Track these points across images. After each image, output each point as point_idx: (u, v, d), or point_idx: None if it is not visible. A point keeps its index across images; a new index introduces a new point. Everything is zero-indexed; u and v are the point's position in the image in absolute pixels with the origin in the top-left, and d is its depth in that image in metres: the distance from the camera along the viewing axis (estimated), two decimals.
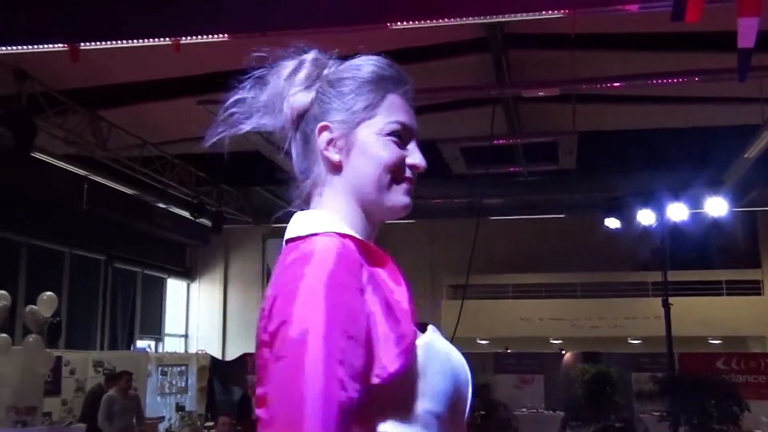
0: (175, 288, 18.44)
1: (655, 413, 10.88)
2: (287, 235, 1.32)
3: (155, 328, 17.39)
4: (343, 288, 1.13)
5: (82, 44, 6.76)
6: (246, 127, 1.45)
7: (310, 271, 1.14)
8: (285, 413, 1.06)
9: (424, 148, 1.43)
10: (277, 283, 1.19)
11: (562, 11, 6.05)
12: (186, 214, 14.74)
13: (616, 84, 8.61)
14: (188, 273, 18.86)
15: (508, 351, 14.45)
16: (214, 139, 1.50)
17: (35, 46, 6.83)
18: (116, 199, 13.76)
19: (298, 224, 1.32)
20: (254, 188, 17.19)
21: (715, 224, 15.54)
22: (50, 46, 6.76)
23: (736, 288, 16.13)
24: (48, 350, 10.58)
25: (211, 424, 12.54)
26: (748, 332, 15.96)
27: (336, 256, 1.16)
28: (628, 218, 10.20)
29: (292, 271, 1.16)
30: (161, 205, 15.04)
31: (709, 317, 15.61)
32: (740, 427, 10.07)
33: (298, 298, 1.11)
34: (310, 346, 1.07)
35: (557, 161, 12.87)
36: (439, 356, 1.23)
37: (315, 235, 1.23)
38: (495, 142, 10.41)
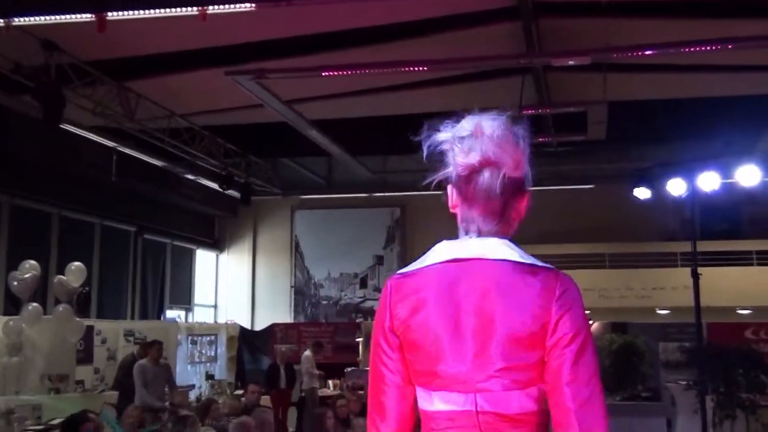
0: (204, 259, 18.64)
1: (681, 382, 10.85)
2: (512, 255, 1.73)
3: (185, 299, 17.61)
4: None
5: (109, 14, 6.79)
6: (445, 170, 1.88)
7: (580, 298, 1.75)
8: (593, 383, 1.65)
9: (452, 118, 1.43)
10: (567, 290, 1.72)
11: None
12: (214, 185, 14.85)
13: (648, 52, 8.46)
14: (217, 244, 19.03)
15: None
16: (433, 180, 1.94)
17: (63, 16, 6.87)
18: (145, 171, 13.88)
19: (515, 251, 1.75)
20: (282, 160, 17.26)
21: (746, 194, 15.35)
22: (77, 16, 6.79)
23: (766, 258, 15.94)
24: (78, 319, 10.77)
25: (240, 392, 12.72)
26: None
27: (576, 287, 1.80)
28: (657, 188, 10.07)
29: (572, 290, 1.74)
30: (190, 177, 15.14)
31: (738, 287, 15.46)
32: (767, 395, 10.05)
33: (584, 315, 1.75)
34: (591, 349, 1.69)
35: (586, 131, 12.74)
36: None
37: (550, 267, 1.75)
38: (524, 112, 10.32)
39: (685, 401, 10.53)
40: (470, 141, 1.80)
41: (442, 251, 1.81)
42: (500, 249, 1.73)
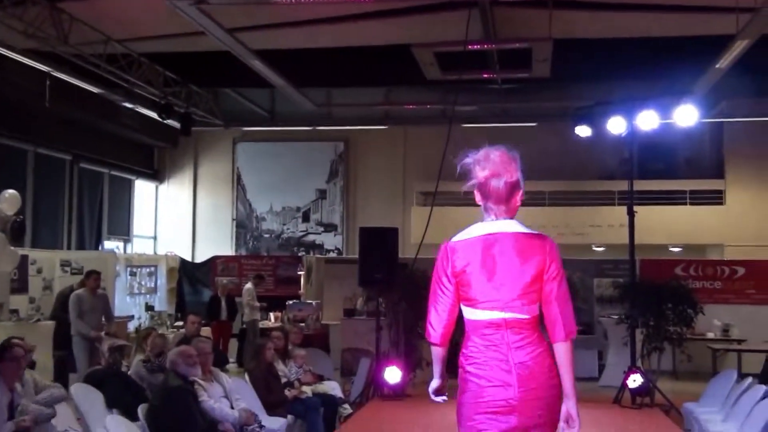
0: (143, 189, 18.33)
1: (613, 316, 11.21)
2: (521, 229, 3.05)
3: (123, 230, 17.36)
4: None
5: None
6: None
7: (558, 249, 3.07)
8: (567, 297, 3.02)
9: (398, 52, 1.42)
10: (552, 248, 3.05)
11: None
12: (153, 114, 14.51)
13: None
14: (157, 175, 18.72)
15: None
16: (467, 188, 3.10)
17: None
18: (80, 98, 13.45)
19: (521, 226, 3.07)
20: (224, 91, 16.92)
21: (683, 135, 15.71)
22: None
23: (699, 198, 16.45)
24: (12, 248, 10.51)
25: (180, 323, 12.71)
26: (708, 240, 16.36)
27: None
28: (598, 127, 10.20)
29: (555, 247, 3.05)
30: (128, 105, 14.75)
31: (671, 226, 15.96)
32: (694, 329, 10.46)
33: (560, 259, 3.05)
34: (564, 279, 3.04)
35: (531, 69, 12.77)
36: None
37: (542, 234, 3.09)
38: (469, 47, 10.27)
39: (617, 334, 10.92)
40: (483, 162, 3.04)
41: (479, 228, 3.05)
42: (513, 226, 3.05)
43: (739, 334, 12.41)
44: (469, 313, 3.01)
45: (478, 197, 3.06)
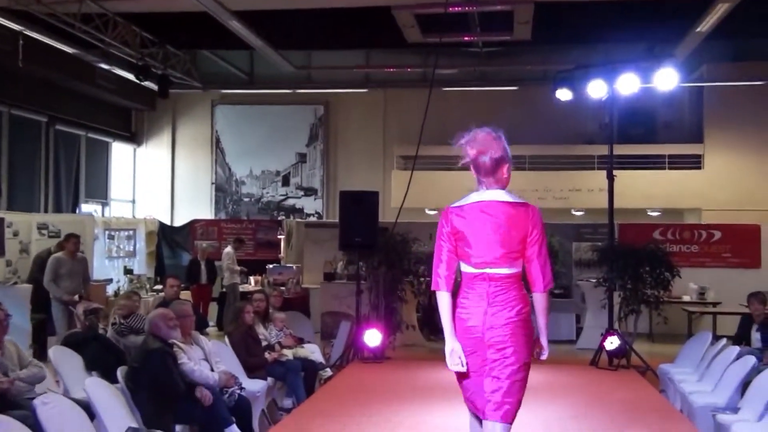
0: (120, 152, 18.12)
1: (591, 280, 11.30)
2: (508, 198, 3.59)
3: (101, 193, 17.19)
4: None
5: None
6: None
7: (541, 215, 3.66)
8: (546, 257, 3.65)
9: (378, 14, 1.39)
10: (535, 215, 3.61)
11: None
12: (130, 76, 14.29)
13: None
14: (134, 137, 18.51)
15: None
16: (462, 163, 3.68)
17: None
18: (55, 58, 13.21)
19: (509, 196, 3.60)
20: (202, 52, 16.70)
21: (663, 99, 15.74)
22: None
23: (678, 162, 16.54)
24: None
25: (159, 287, 12.67)
26: (686, 205, 16.50)
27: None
28: (578, 90, 10.17)
29: (537, 213, 3.63)
30: (104, 66, 14.50)
31: (650, 190, 16.06)
32: (670, 292, 10.58)
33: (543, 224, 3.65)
34: (545, 242, 3.64)
35: (512, 32, 12.70)
36: None
37: (527, 202, 3.63)
38: (450, 9, 10.17)
39: (594, 298, 11.03)
40: (472, 142, 3.61)
41: (474, 197, 3.62)
42: (502, 195, 3.60)
43: (714, 297, 12.58)
44: (464, 267, 3.64)
45: (473, 172, 3.65)
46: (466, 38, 13.46)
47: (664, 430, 6.04)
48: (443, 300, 3.60)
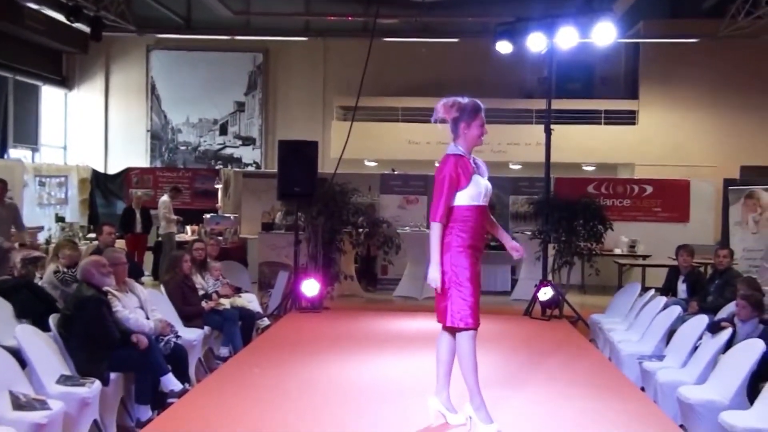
0: (51, 97, 17.51)
1: (527, 232, 11.50)
2: (451, 152, 4.65)
3: (31, 138, 16.63)
4: (455, 165, 4.57)
5: None
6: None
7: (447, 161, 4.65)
8: (436, 198, 4.60)
9: None
10: (444, 161, 4.65)
11: None
12: (61, 17, 13.74)
13: None
14: (65, 82, 17.89)
15: (395, 172, 14.71)
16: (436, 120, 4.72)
17: None
18: None
19: (450, 146, 4.68)
20: None
21: (600, 54, 15.92)
22: None
23: (613, 118, 16.85)
24: None
25: (93, 236, 12.40)
26: (620, 159, 16.86)
27: (455, 158, 4.60)
28: (518, 43, 10.21)
29: (443, 159, 4.67)
30: (33, 6, 13.90)
31: (586, 145, 16.35)
32: (603, 245, 10.86)
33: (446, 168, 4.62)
34: (446, 176, 4.55)
35: None
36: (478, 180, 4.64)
37: (448, 152, 4.70)
38: None
39: (529, 250, 11.21)
40: (440, 108, 4.62)
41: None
42: (450, 147, 4.65)
43: (644, 250, 12.96)
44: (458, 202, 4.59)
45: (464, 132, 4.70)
46: None
47: (592, 376, 6.25)
48: (438, 232, 4.55)
